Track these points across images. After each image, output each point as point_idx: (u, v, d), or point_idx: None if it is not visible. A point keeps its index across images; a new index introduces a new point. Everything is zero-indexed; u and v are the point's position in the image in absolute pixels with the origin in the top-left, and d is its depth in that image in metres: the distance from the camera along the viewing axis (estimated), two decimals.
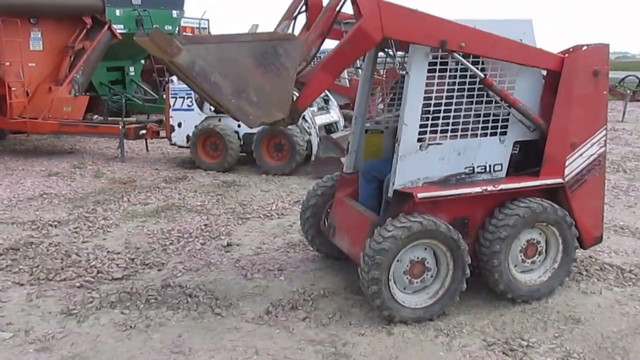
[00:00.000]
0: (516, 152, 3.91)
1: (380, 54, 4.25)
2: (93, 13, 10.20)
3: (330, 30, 3.48)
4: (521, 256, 3.93)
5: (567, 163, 3.91)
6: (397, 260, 3.57)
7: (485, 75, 3.57)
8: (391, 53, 4.19)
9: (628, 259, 4.76)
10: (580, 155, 3.94)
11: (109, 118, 10.71)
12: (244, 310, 3.86)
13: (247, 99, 2.99)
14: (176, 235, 5.40)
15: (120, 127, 9.08)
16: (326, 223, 4.52)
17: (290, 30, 3.62)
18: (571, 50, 3.89)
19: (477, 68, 3.59)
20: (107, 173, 8.30)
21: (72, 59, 10.11)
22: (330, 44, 3.70)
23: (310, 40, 3.38)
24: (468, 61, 3.53)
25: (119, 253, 4.93)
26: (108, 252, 4.96)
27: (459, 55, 3.49)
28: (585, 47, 3.91)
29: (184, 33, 15.41)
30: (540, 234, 3.96)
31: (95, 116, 11.73)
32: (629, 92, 15.81)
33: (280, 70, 3.00)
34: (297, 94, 3.46)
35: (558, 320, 3.73)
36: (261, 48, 2.94)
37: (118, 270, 4.53)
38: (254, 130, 7.96)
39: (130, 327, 3.63)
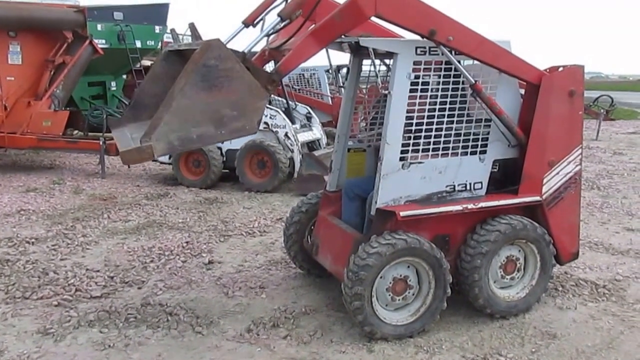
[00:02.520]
0: (495, 170, 3.98)
1: (364, 71, 4.31)
2: (74, 28, 10.14)
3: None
4: (501, 272, 3.99)
5: (544, 181, 3.99)
6: (381, 277, 3.60)
7: (475, 81, 3.64)
8: (374, 64, 4.24)
9: (602, 275, 4.85)
10: (557, 173, 4.03)
11: (90, 133, 10.61)
12: (225, 328, 3.83)
13: (230, 120, 3.00)
14: (157, 252, 5.35)
15: (101, 142, 9.00)
16: (309, 240, 4.53)
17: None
18: (548, 71, 3.99)
19: (461, 82, 3.66)
20: (87, 189, 8.20)
21: (52, 73, 10.01)
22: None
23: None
24: (461, 65, 3.60)
25: (98, 271, 4.86)
26: (87, 269, 4.89)
27: (451, 53, 3.54)
28: (561, 69, 4.01)
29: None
30: (520, 251, 4.03)
31: (76, 131, 11.62)
32: (602, 111, 16.19)
33: (228, 75, 2.96)
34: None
35: (535, 335, 3.78)
36: (198, 76, 2.89)
37: (97, 289, 4.47)
38: (237, 147, 7.97)
39: (109, 346, 3.57)
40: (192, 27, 3.34)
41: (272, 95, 8.77)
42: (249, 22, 3.81)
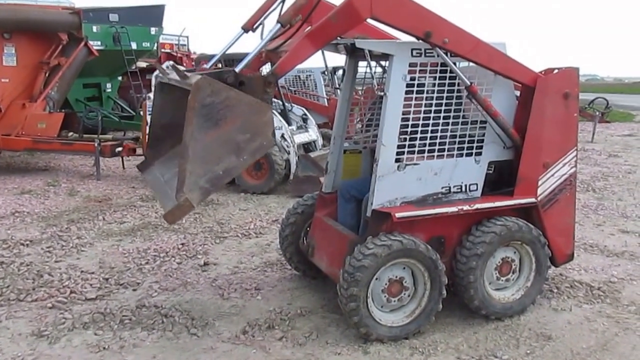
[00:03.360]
0: (491, 172, 3.99)
1: (360, 72, 4.32)
2: (69, 29, 10.11)
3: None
4: (496, 274, 3.99)
5: (539, 183, 4.00)
6: (376, 279, 3.60)
7: (471, 83, 3.65)
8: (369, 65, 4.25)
9: (597, 277, 4.86)
10: (552, 175, 4.04)
11: (85, 135, 10.58)
12: (220, 330, 3.83)
13: (246, 143, 3.03)
14: (152, 254, 5.34)
15: (96, 144, 8.97)
16: (305, 242, 4.53)
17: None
18: (543, 73, 4.00)
19: (456, 84, 3.67)
20: (82, 191, 8.17)
21: (47, 75, 9.99)
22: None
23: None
24: (456, 66, 3.61)
25: (93, 273, 4.84)
26: (82, 271, 4.87)
27: (446, 55, 3.55)
28: (556, 71, 4.03)
29: (163, 50, 15.42)
30: (515, 252, 4.04)
31: (71, 133, 11.58)
32: (597, 113, 16.24)
33: (227, 105, 2.98)
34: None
35: (530, 337, 3.79)
36: (201, 118, 2.91)
37: (92, 290, 4.46)
38: None
39: (104, 348, 3.56)
40: (173, 67, 3.36)
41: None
42: (249, 27, 3.81)
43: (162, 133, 3.76)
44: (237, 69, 3.11)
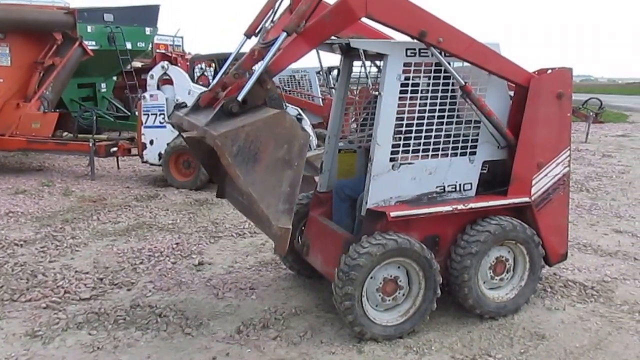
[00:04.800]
0: (485, 171, 4.01)
1: (354, 72, 4.33)
2: (63, 29, 10.09)
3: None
4: (490, 273, 4.01)
5: (533, 182, 4.01)
6: (371, 277, 3.60)
7: (465, 82, 3.66)
8: (364, 65, 4.25)
9: (590, 276, 4.89)
10: (546, 175, 4.06)
11: (79, 135, 10.55)
12: (214, 329, 3.82)
13: (288, 153, 3.03)
14: (147, 254, 5.33)
15: (91, 144, 8.95)
16: (300, 241, 4.53)
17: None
18: (536, 73, 4.02)
19: (451, 84, 3.68)
20: (76, 191, 8.15)
21: (41, 75, 9.96)
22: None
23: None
24: (451, 66, 3.62)
25: (87, 273, 4.83)
26: (76, 271, 4.86)
27: (441, 55, 3.56)
28: (549, 71, 4.05)
29: (158, 51, 15.39)
30: (509, 252, 4.05)
31: (65, 133, 11.55)
32: (591, 114, 16.31)
33: (252, 139, 2.96)
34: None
35: (524, 336, 3.80)
36: (241, 165, 2.92)
37: (86, 290, 4.44)
38: None
39: (98, 348, 3.55)
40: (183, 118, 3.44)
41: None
42: (251, 33, 3.81)
43: (209, 160, 3.87)
44: (239, 98, 3.11)
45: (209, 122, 3.05)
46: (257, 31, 3.80)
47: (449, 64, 3.63)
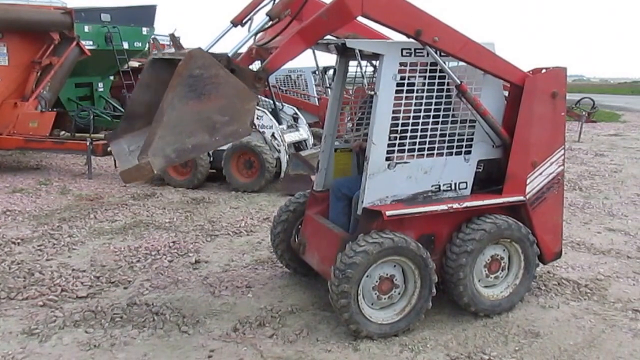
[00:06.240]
0: (480, 170, 4.03)
1: (350, 72, 4.35)
2: (61, 29, 10.08)
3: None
4: (485, 271, 4.03)
5: (528, 181, 4.05)
6: (367, 276, 3.63)
7: (461, 82, 3.69)
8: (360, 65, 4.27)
9: (584, 274, 4.92)
10: (540, 173, 4.09)
11: (77, 134, 10.55)
12: (211, 327, 3.84)
13: (223, 125, 3.01)
14: (143, 252, 5.34)
15: (88, 143, 8.95)
16: (296, 240, 4.55)
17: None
18: (531, 72, 4.05)
19: (446, 83, 3.70)
20: (73, 190, 8.15)
21: (39, 74, 9.95)
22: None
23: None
24: (446, 65, 3.64)
25: (84, 271, 4.84)
26: (73, 270, 4.87)
27: (436, 54, 3.58)
28: (544, 70, 4.07)
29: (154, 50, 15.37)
30: (504, 250, 4.08)
31: (63, 132, 11.54)
32: (584, 113, 16.36)
33: (214, 82, 2.97)
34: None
35: (518, 334, 3.83)
36: (185, 88, 2.90)
37: (83, 289, 4.46)
38: (224, 147, 7.97)
39: (95, 346, 3.57)
40: (172, 37, 3.35)
41: (259, 96, 8.79)
42: (238, 22, 3.83)
43: (140, 110, 3.68)
44: (229, 54, 3.12)
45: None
46: (244, 21, 3.82)
47: (445, 63, 3.65)
